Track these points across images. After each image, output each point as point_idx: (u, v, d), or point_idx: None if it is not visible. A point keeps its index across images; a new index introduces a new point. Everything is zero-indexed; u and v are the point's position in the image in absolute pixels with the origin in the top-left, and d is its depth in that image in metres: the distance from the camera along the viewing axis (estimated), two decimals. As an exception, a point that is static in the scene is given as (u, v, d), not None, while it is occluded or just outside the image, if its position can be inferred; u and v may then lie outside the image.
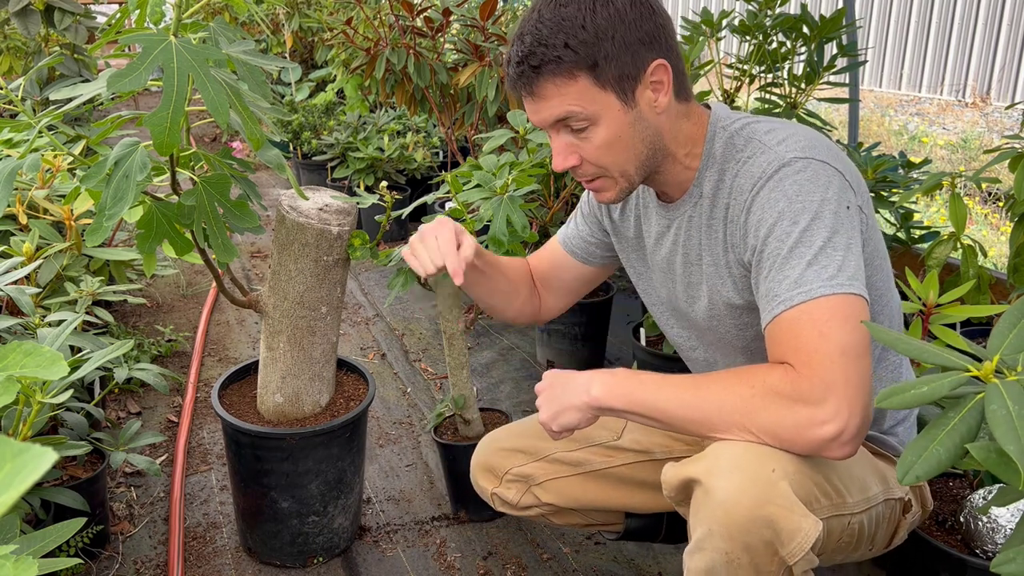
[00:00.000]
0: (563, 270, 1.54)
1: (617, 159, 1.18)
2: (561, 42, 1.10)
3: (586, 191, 1.50)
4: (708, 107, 1.26)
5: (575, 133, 1.17)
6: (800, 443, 1.02)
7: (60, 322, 1.63)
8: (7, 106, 1.77)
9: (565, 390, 1.19)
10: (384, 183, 1.72)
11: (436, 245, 1.29)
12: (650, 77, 1.15)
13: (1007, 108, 2.30)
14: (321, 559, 1.83)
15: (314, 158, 4.51)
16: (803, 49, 2.53)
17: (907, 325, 1.75)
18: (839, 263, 1.05)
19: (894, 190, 2.45)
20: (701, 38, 2.54)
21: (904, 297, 1.70)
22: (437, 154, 4.44)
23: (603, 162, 1.19)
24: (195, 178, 1.35)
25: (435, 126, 4.54)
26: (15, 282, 1.77)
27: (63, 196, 2.22)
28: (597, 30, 1.10)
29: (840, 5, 2.86)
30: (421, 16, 2.91)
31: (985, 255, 2.04)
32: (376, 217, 1.92)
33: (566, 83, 1.12)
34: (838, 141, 2.63)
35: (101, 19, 3.33)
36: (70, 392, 1.33)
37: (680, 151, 1.22)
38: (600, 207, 1.45)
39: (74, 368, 1.35)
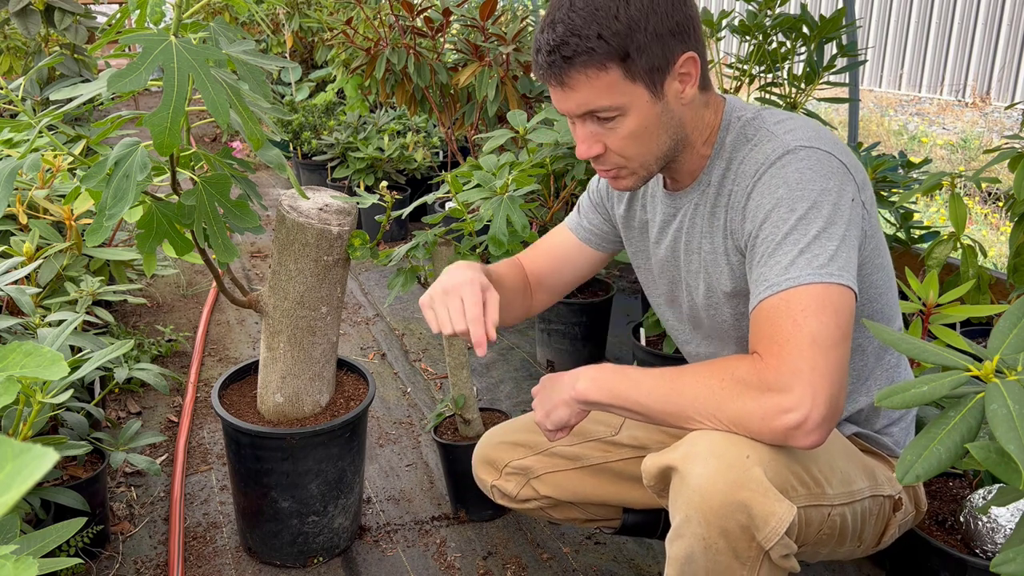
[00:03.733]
0: (567, 263, 1.50)
1: (641, 150, 1.18)
2: (595, 32, 1.09)
3: (591, 184, 1.50)
4: (724, 97, 1.26)
5: (601, 123, 1.17)
6: (766, 432, 1.03)
7: (60, 322, 1.63)
8: (7, 106, 1.77)
9: (555, 388, 1.22)
10: (384, 183, 1.73)
11: (460, 308, 1.22)
12: (679, 69, 1.14)
13: (1007, 108, 2.30)
14: (321, 559, 1.83)
15: (314, 158, 4.51)
16: (803, 49, 2.53)
17: (907, 325, 1.75)
18: (831, 253, 1.06)
19: (894, 190, 2.45)
20: (701, 38, 2.53)
21: (904, 297, 1.70)
22: (437, 154, 4.44)
23: (627, 152, 1.19)
24: (195, 178, 1.35)
25: (435, 126, 4.54)
26: (15, 282, 1.77)
27: (63, 196, 2.22)
28: (630, 20, 1.09)
29: (840, 5, 2.85)
30: (421, 16, 2.91)
31: (985, 255, 2.04)
32: (376, 217, 1.92)
33: (597, 74, 1.12)
34: (838, 141, 2.63)
35: (101, 19, 3.33)
36: (70, 392, 1.34)
37: (698, 140, 1.23)
38: (610, 197, 1.45)
39: (74, 368, 1.35)
